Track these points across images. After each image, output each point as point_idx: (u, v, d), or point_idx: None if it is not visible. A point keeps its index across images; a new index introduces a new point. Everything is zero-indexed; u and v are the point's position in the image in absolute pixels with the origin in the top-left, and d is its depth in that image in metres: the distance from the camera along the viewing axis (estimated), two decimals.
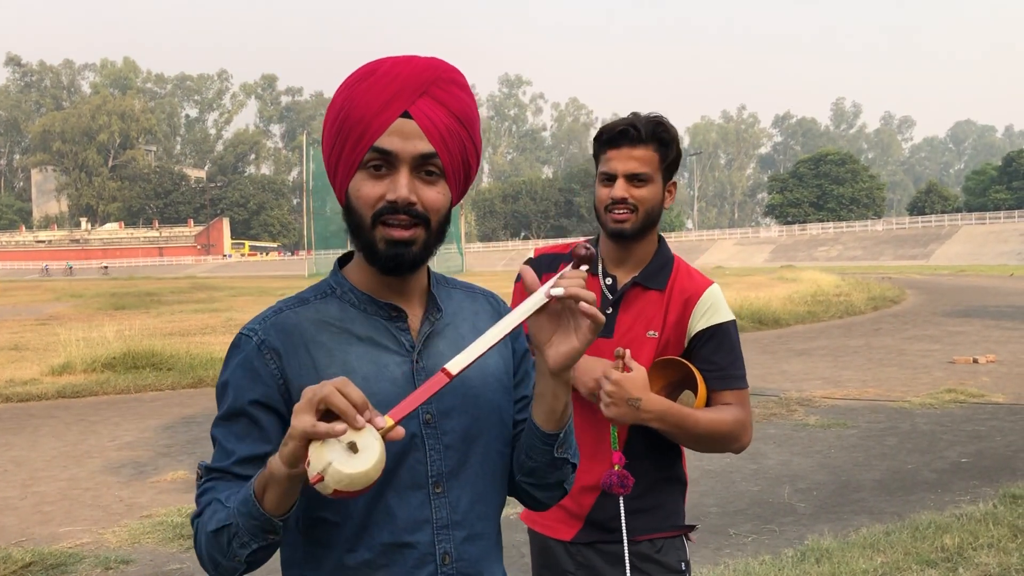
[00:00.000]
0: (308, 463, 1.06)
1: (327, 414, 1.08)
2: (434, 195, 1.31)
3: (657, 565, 2.12)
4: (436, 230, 1.33)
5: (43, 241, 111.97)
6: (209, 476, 1.31)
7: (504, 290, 2.35)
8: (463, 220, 57.46)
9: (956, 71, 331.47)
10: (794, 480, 6.39)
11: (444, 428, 1.35)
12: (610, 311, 2.14)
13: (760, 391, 9.93)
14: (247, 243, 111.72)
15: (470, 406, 1.38)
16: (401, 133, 1.28)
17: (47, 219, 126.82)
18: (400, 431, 1.12)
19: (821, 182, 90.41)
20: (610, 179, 2.11)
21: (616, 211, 2.10)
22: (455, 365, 1.20)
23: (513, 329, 1.25)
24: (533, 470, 1.40)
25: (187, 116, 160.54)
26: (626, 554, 2.09)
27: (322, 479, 1.05)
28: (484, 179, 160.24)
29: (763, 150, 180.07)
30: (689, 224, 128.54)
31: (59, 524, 5.69)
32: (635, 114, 2.11)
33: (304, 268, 56.59)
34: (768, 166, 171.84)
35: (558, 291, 1.23)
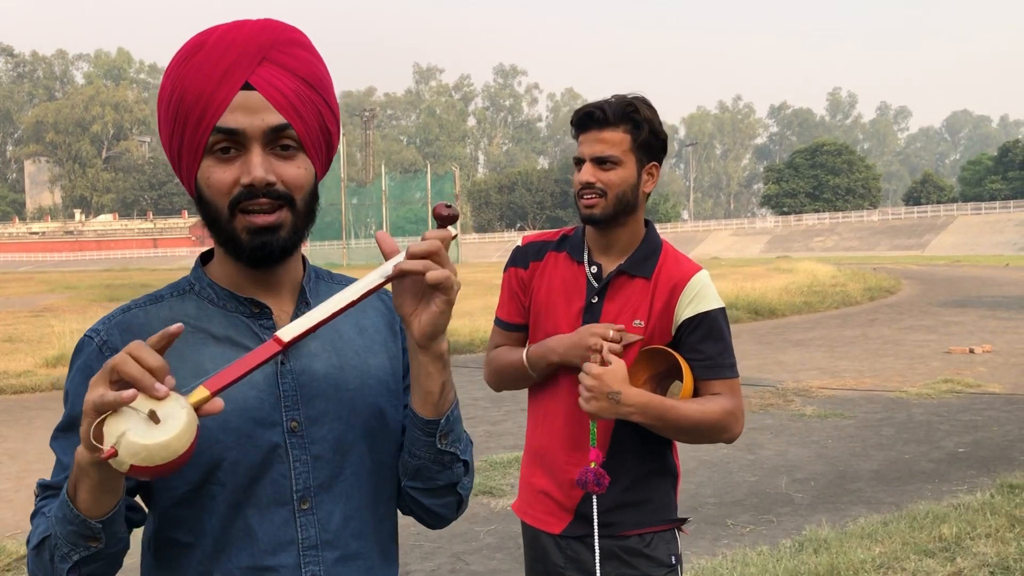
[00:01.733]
0: (104, 438, 0.94)
1: (124, 386, 0.96)
2: (294, 171, 1.17)
3: (646, 560, 2.09)
4: (304, 210, 1.20)
5: (37, 233, 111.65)
6: (45, 494, 1.19)
7: (500, 281, 2.31)
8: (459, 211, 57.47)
9: (952, 61, 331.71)
10: (791, 470, 6.38)
11: (313, 436, 1.21)
12: (596, 300, 2.09)
13: (757, 382, 9.92)
14: None
15: (344, 411, 1.23)
16: (245, 108, 1.13)
17: (41, 211, 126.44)
18: (218, 403, 0.99)
19: (817, 172, 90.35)
20: (580, 163, 2.07)
21: (585, 196, 2.05)
22: (287, 332, 1.08)
23: (361, 298, 1.11)
24: (419, 470, 1.25)
25: None
26: (596, 551, 2.06)
27: (115, 453, 0.92)
28: (480, 170, 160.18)
29: (759, 140, 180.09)
30: (685, 215, 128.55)
31: None
32: (615, 96, 2.07)
33: None
34: (764, 156, 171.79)
35: (386, 269, 1.11)
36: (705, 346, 2.04)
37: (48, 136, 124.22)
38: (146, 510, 1.24)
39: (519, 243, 2.28)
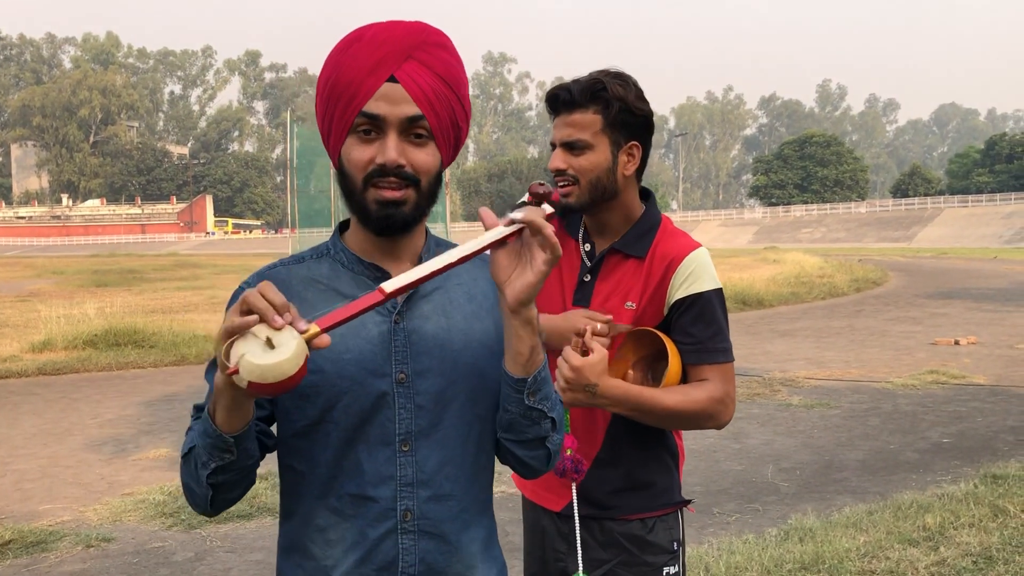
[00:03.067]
0: (228, 359, 1.09)
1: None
2: (423, 157, 1.33)
3: (647, 546, 2.03)
4: (427, 191, 1.36)
5: (24, 217, 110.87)
6: (196, 414, 1.35)
7: None
8: (448, 199, 57.33)
9: (941, 55, 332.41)
10: (777, 460, 6.42)
11: (418, 388, 1.36)
12: (588, 279, 2.02)
13: (744, 371, 9.96)
14: (230, 221, 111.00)
15: (447, 368, 1.38)
16: (388, 97, 1.29)
17: (27, 195, 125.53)
18: (326, 339, 1.13)
19: (806, 164, 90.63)
20: (552, 149, 1.98)
21: (559, 183, 1.96)
22: (390, 284, 1.20)
23: (465, 258, 1.25)
24: (511, 424, 1.39)
25: (170, 92, 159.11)
26: (578, 540, 2.00)
27: (237, 371, 1.08)
28: (469, 158, 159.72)
29: (748, 132, 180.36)
30: (674, 205, 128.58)
31: (39, 502, 5.65)
32: (582, 76, 1.94)
33: (288, 246, 56.35)
34: (753, 148, 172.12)
35: (517, 215, 1.24)
36: (695, 329, 1.93)
37: (35, 120, 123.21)
38: (275, 436, 1.42)
39: (524, 199, 2.19)
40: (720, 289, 2.00)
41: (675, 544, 2.07)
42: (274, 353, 1.08)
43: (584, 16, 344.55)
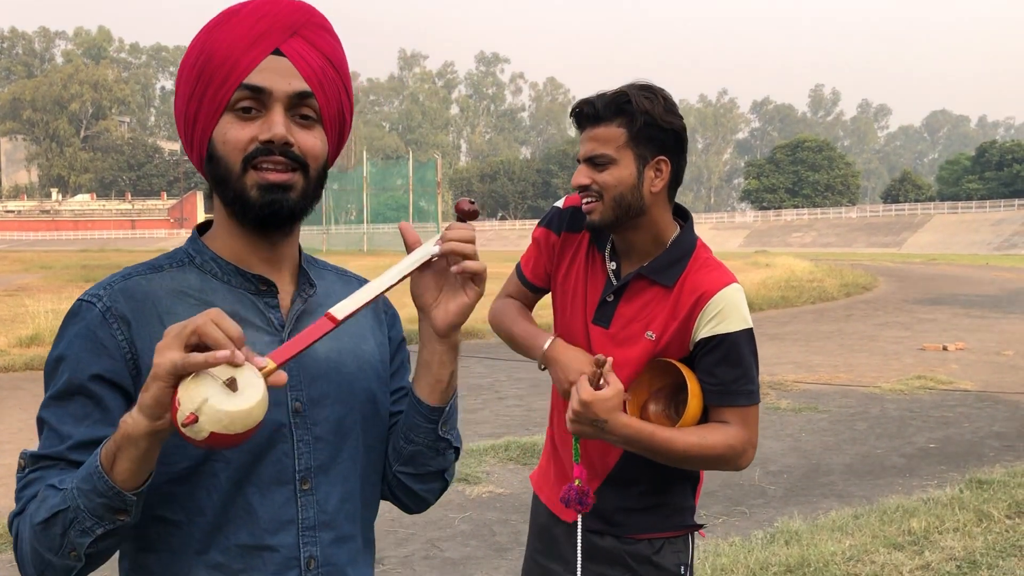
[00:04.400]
0: (179, 404, 0.92)
1: (197, 350, 0.95)
2: (312, 140, 1.18)
3: (653, 567, 1.97)
4: (315, 180, 1.20)
5: (12, 211, 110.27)
6: (36, 465, 1.11)
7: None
8: (440, 199, 57.19)
9: (933, 61, 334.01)
10: (765, 463, 6.43)
11: (315, 418, 1.21)
12: (611, 299, 1.93)
13: None
14: None
15: (345, 395, 1.24)
16: (275, 70, 1.15)
17: (16, 189, 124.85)
18: (283, 376, 0.99)
19: (797, 168, 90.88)
20: (577, 164, 1.91)
21: (583, 200, 1.89)
22: (340, 311, 1.09)
23: (403, 279, 1.16)
24: (413, 456, 1.28)
25: (162, 88, 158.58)
26: (579, 563, 1.96)
27: (196, 419, 0.91)
28: (462, 158, 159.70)
29: (741, 135, 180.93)
30: None
31: None
32: (622, 87, 1.87)
33: None
34: (745, 151, 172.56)
35: (434, 249, 1.16)
36: (720, 370, 1.85)
37: (25, 114, 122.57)
38: None
39: (559, 203, 2.09)
40: (750, 330, 1.89)
41: (682, 568, 2.01)
42: (240, 397, 0.93)
43: (578, 17, 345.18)
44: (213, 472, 1.15)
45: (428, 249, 1.17)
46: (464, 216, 1.18)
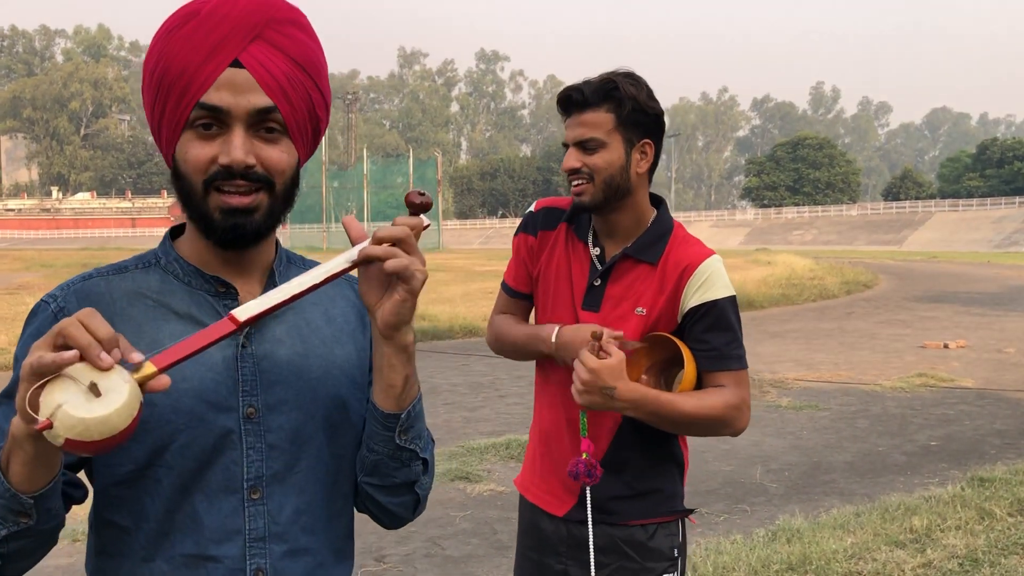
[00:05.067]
0: (38, 409, 0.88)
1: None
2: (276, 155, 1.13)
3: (648, 551, 2.03)
4: (282, 195, 1.16)
5: (13, 210, 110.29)
6: None
7: (480, 268, 2.29)
8: (440, 197, 57.17)
9: (934, 58, 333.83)
10: (766, 461, 6.43)
11: (269, 424, 1.16)
12: (598, 283, 2.01)
13: None
14: None
15: (305, 400, 1.19)
16: (232, 86, 1.09)
17: (17, 187, 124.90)
18: (165, 380, 0.94)
19: (798, 166, 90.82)
20: (566, 148, 1.98)
21: (573, 182, 1.96)
22: (243, 312, 1.04)
23: (327, 280, 1.09)
24: (376, 465, 1.21)
25: None
26: (591, 544, 2.00)
27: (50, 425, 0.87)
28: (462, 156, 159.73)
29: (741, 133, 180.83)
30: None
31: None
32: (592, 78, 1.96)
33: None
34: (746, 149, 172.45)
35: (352, 254, 1.09)
36: (711, 336, 1.95)
37: (25, 112, 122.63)
38: (89, 487, 1.19)
39: (531, 208, 2.17)
40: (734, 296, 2.01)
41: (675, 551, 2.07)
42: (101, 402, 0.88)
43: (578, 15, 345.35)
44: (157, 477, 1.13)
45: (349, 255, 1.10)
46: (416, 209, 1.11)
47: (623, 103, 1.91)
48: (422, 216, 1.12)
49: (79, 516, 4.65)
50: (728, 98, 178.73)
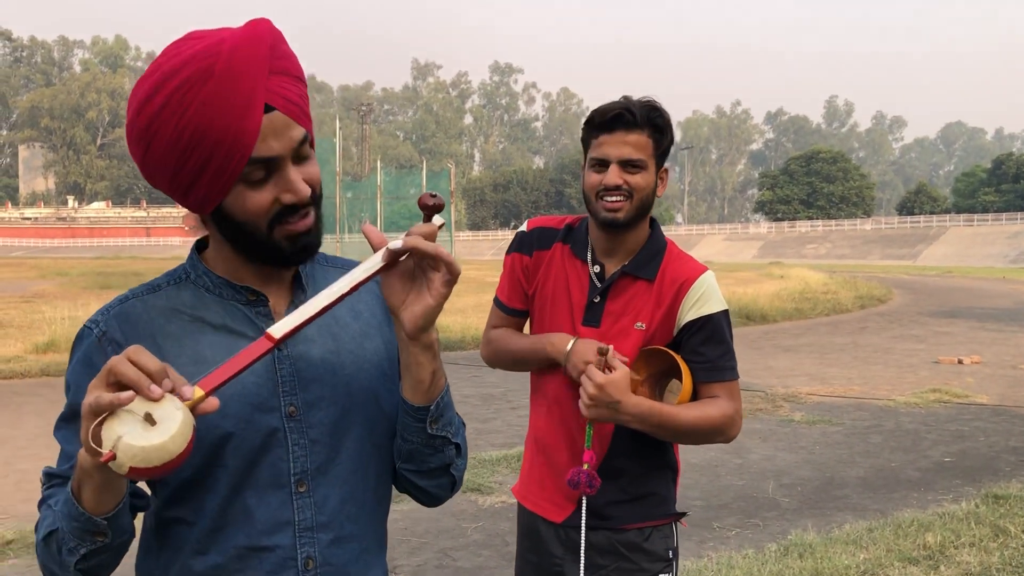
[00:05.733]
0: (100, 442, 0.96)
1: (122, 388, 0.97)
2: (314, 170, 1.21)
3: (644, 554, 2.10)
4: (320, 200, 1.25)
5: (29, 218, 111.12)
6: (51, 483, 1.20)
7: (492, 279, 2.32)
8: (453, 208, 57.30)
9: (948, 73, 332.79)
10: (778, 475, 6.41)
11: (310, 421, 1.24)
12: (598, 300, 2.08)
13: (746, 386, 9.95)
14: None
15: (341, 396, 1.26)
16: (274, 131, 1.13)
17: (34, 196, 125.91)
18: (213, 402, 1.01)
19: (812, 180, 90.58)
20: (602, 164, 2.02)
21: (609, 198, 2.01)
22: (278, 329, 1.09)
23: (353, 289, 1.13)
24: (411, 453, 1.29)
25: None
26: (582, 551, 2.06)
27: (114, 456, 0.94)
28: (475, 167, 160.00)
29: (755, 146, 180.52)
30: (679, 218, 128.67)
31: None
32: (626, 98, 2.03)
33: None
34: (759, 162, 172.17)
35: (396, 244, 1.13)
36: (706, 349, 2.03)
37: (43, 121, 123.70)
38: (149, 494, 1.25)
39: (523, 228, 2.23)
40: (727, 311, 2.10)
41: (670, 552, 2.15)
42: (156, 431, 0.95)
43: (592, 28, 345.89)
44: (215, 476, 1.20)
45: (377, 258, 1.14)
46: (429, 211, 1.14)
47: (664, 132, 2.03)
48: (435, 218, 1.15)
49: None
50: (741, 111, 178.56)
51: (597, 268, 2.11)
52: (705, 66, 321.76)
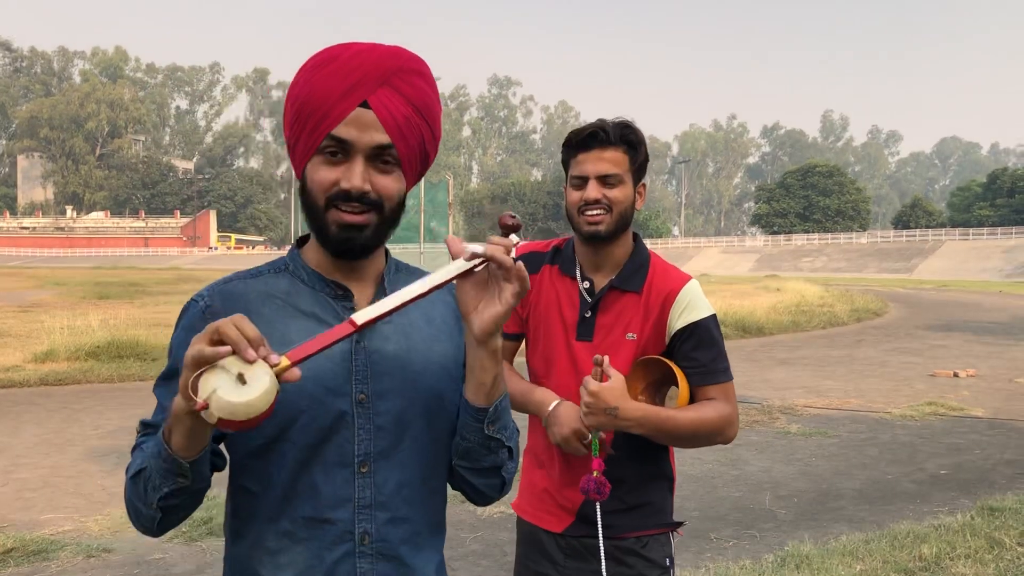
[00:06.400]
0: (197, 392, 1.07)
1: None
2: (388, 183, 1.33)
3: (642, 560, 2.15)
4: (389, 216, 1.35)
5: (28, 228, 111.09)
6: (145, 431, 1.34)
7: None
8: (451, 220, 57.32)
9: (943, 87, 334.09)
10: (775, 487, 6.44)
11: (377, 409, 1.35)
12: (589, 315, 2.16)
13: (743, 399, 9.98)
14: (233, 236, 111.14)
15: (407, 389, 1.37)
16: (358, 123, 1.29)
17: (32, 206, 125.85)
18: (296, 373, 1.11)
19: (808, 193, 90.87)
20: (582, 181, 2.12)
21: (589, 212, 2.10)
22: (361, 316, 1.19)
23: (433, 289, 1.24)
24: (467, 451, 1.39)
25: (177, 107, 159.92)
26: (602, 557, 2.11)
27: (207, 406, 1.06)
28: (473, 180, 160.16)
29: (751, 160, 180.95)
30: (675, 231, 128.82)
31: (41, 511, 5.67)
32: (601, 120, 2.14)
33: None
34: (756, 176, 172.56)
35: (478, 248, 1.24)
36: (698, 354, 2.10)
37: (42, 132, 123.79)
38: (227, 456, 1.37)
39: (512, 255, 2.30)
40: (714, 315, 2.17)
41: (668, 560, 2.19)
42: (246, 389, 1.06)
43: (590, 41, 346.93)
44: (282, 451, 1.32)
45: (459, 264, 1.25)
46: (506, 230, 1.26)
47: (637, 148, 2.13)
48: (513, 235, 1.27)
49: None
50: (738, 125, 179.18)
51: (587, 284, 2.19)
52: (701, 80, 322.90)
